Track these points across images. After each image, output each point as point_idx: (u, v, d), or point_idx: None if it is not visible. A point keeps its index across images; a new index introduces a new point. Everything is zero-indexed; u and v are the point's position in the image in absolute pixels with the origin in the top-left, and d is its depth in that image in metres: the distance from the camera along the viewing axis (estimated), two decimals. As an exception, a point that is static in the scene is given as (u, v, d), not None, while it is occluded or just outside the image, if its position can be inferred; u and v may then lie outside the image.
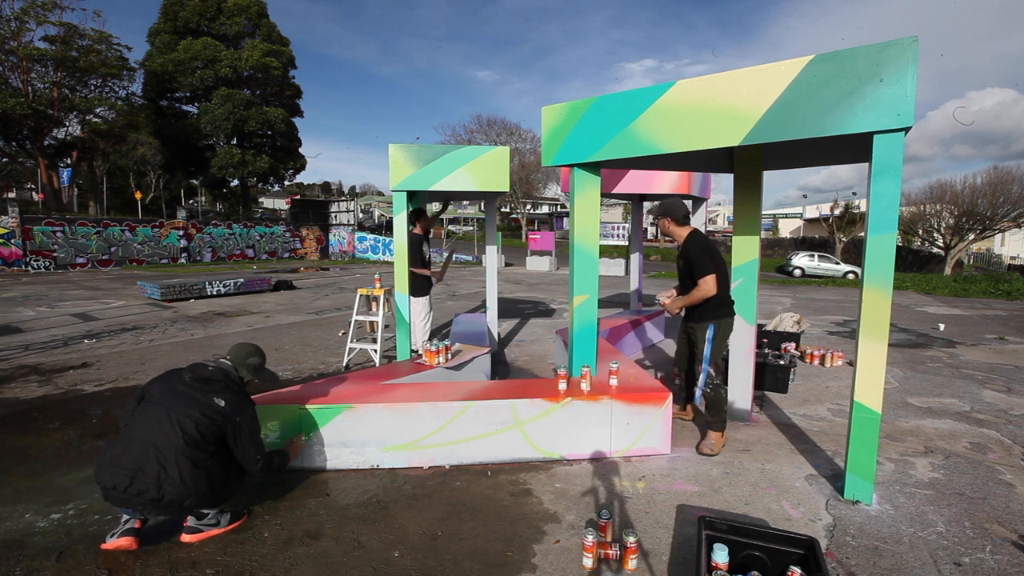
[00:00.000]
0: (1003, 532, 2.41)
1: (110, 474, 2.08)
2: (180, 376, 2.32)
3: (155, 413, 2.17)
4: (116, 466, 2.08)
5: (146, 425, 2.15)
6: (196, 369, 2.34)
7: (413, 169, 4.56)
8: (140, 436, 2.13)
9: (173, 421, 2.14)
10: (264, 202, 48.39)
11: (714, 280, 3.17)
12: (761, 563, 1.98)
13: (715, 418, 3.29)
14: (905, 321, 8.80)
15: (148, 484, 2.06)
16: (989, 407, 4.23)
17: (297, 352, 6.01)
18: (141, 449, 2.09)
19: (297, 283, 13.76)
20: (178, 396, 2.23)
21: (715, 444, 3.25)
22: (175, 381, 2.30)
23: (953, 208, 26.43)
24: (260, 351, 2.61)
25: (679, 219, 3.40)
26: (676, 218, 3.39)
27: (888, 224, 2.46)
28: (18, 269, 17.33)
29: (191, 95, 26.81)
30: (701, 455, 3.19)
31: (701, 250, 3.26)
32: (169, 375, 2.35)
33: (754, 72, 2.69)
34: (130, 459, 2.08)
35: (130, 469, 2.07)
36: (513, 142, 38.49)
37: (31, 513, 2.50)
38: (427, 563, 2.16)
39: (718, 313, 3.30)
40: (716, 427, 3.29)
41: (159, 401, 2.21)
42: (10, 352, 5.78)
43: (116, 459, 2.10)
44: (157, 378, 2.35)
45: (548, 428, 3.12)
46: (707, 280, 3.19)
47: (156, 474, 2.07)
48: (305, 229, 27.15)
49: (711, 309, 3.28)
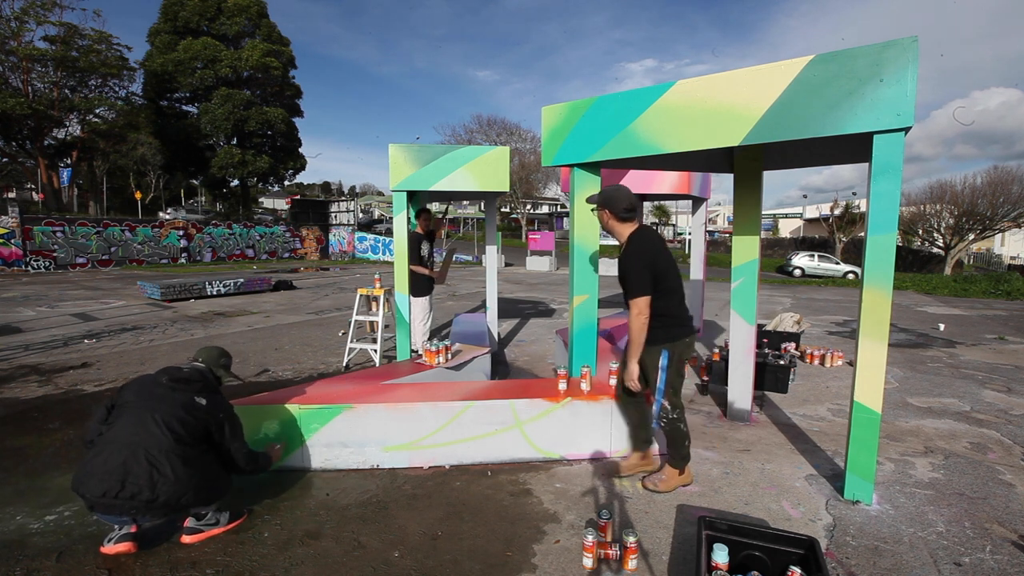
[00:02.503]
0: (1003, 532, 2.41)
1: (97, 482, 2.02)
2: (155, 380, 2.30)
3: (137, 416, 2.14)
4: (103, 472, 2.03)
5: (129, 429, 2.11)
6: (171, 372, 2.33)
7: (413, 169, 4.56)
8: (124, 440, 2.08)
9: (159, 421, 2.12)
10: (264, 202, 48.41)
11: (645, 303, 2.54)
12: (761, 563, 1.98)
13: (674, 453, 2.79)
14: (905, 321, 8.80)
15: (141, 486, 2.03)
16: (989, 407, 4.23)
17: (297, 352, 6.01)
18: (129, 452, 2.05)
19: (297, 283, 13.76)
20: (159, 398, 2.21)
21: (667, 481, 2.78)
22: (150, 385, 2.28)
23: (953, 208, 26.43)
24: (227, 352, 2.65)
25: (620, 213, 2.68)
26: (616, 211, 2.68)
27: (888, 224, 2.46)
28: (18, 269, 17.32)
29: (191, 95, 26.80)
30: (645, 489, 2.78)
31: (637, 260, 2.60)
32: (141, 380, 2.33)
33: (754, 72, 2.69)
34: (118, 463, 2.03)
35: (119, 473, 2.02)
36: (513, 142, 38.48)
37: (31, 513, 2.50)
38: (427, 563, 2.16)
39: (672, 334, 2.65)
40: (674, 463, 2.80)
41: (138, 405, 2.18)
42: (10, 352, 5.78)
43: (102, 466, 2.04)
44: (127, 385, 2.32)
45: (548, 428, 3.12)
46: (636, 303, 2.54)
47: (148, 474, 2.04)
48: (305, 229, 27.15)
49: (663, 329, 2.63)
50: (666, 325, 2.64)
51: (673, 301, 2.66)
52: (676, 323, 2.67)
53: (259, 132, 26.90)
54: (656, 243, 2.68)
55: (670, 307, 2.65)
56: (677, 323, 2.68)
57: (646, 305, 2.54)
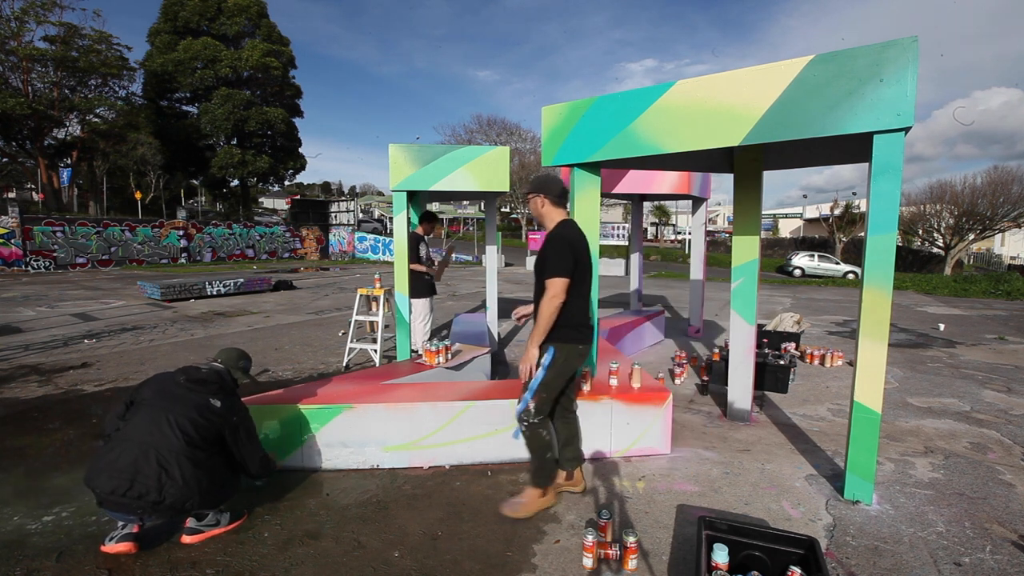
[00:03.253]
0: (1003, 532, 2.41)
1: (107, 478, 2.04)
2: (173, 379, 2.31)
3: (151, 415, 2.15)
4: (114, 470, 2.04)
5: (143, 427, 2.12)
6: (189, 372, 2.33)
7: (413, 169, 4.56)
8: (137, 439, 2.10)
9: (172, 422, 2.13)
10: (264, 202, 48.39)
11: (563, 286, 2.37)
12: (761, 563, 1.98)
13: (535, 468, 2.54)
14: (905, 321, 8.80)
15: (149, 487, 2.04)
16: (989, 407, 4.23)
17: (297, 352, 6.00)
18: (140, 452, 2.07)
19: (297, 283, 13.76)
20: (174, 398, 2.22)
21: (527, 505, 2.52)
22: (168, 384, 2.29)
23: (953, 208, 26.42)
24: (247, 355, 2.65)
25: (555, 197, 2.58)
26: (553, 195, 2.57)
27: (888, 224, 2.46)
28: (18, 269, 17.32)
29: (191, 95, 26.81)
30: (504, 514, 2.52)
31: (562, 241, 2.45)
32: (160, 378, 2.34)
33: (754, 72, 2.69)
34: (128, 462, 2.05)
35: (129, 472, 2.04)
36: (513, 142, 38.48)
37: (31, 513, 2.50)
38: (427, 563, 2.16)
39: (564, 335, 2.47)
40: (535, 480, 2.54)
41: (154, 404, 2.19)
42: (10, 352, 5.78)
43: (113, 463, 2.05)
44: (147, 382, 2.33)
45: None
46: (553, 283, 2.38)
47: (157, 476, 2.05)
48: (305, 229, 27.15)
49: (556, 328, 2.45)
50: (561, 325, 2.46)
51: (578, 305, 2.51)
52: (574, 325, 2.50)
53: (259, 132, 26.91)
54: (583, 239, 2.55)
55: (574, 309, 2.49)
56: (575, 326, 2.51)
57: (563, 288, 2.38)
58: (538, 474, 2.55)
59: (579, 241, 2.51)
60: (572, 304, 2.47)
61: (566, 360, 2.50)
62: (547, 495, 2.58)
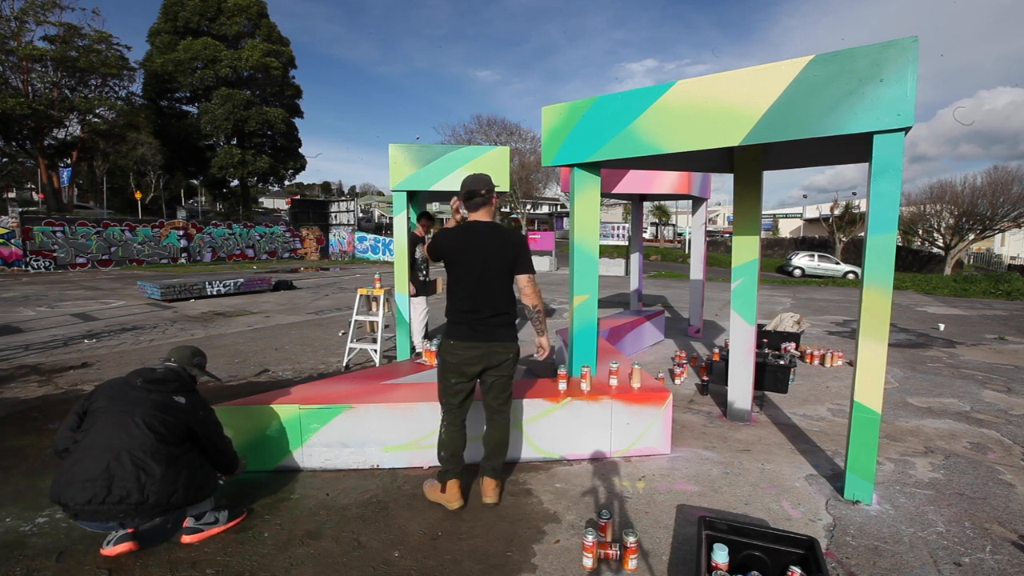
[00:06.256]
0: (1003, 532, 2.41)
1: (79, 489, 1.96)
2: (128, 383, 2.24)
3: (114, 420, 2.08)
4: (86, 479, 1.97)
5: (107, 433, 2.05)
6: (144, 373, 2.27)
7: (413, 169, 4.56)
8: (103, 445, 2.02)
9: (139, 423, 2.08)
10: (264, 202, 48.38)
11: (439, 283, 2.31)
12: (761, 563, 1.98)
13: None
14: (905, 321, 8.80)
15: (129, 488, 1.99)
16: (989, 407, 4.23)
17: (297, 352, 6.00)
18: (111, 456, 2.01)
19: (297, 283, 13.76)
20: (134, 401, 2.15)
21: (427, 492, 2.64)
22: (123, 388, 2.22)
23: (953, 208, 26.40)
24: (201, 351, 2.57)
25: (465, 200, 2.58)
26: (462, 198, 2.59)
27: (888, 224, 2.46)
28: (18, 269, 17.33)
29: (191, 95, 26.83)
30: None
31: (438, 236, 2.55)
32: (112, 384, 2.26)
33: (754, 72, 2.69)
34: (100, 469, 1.98)
35: (104, 478, 1.97)
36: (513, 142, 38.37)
37: (31, 513, 2.50)
38: (427, 563, 2.16)
39: (447, 329, 2.53)
40: (437, 474, 2.61)
41: (112, 409, 2.12)
42: (10, 352, 5.78)
43: (83, 473, 1.98)
44: (97, 390, 2.24)
45: (548, 428, 3.12)
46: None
47: (136, 476, 2.00)
48: (305, 229, 27.15)
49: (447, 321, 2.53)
50: (447, 318, 2.55)
51: (452, 301, 2.52)
52: (450, 320, 2.53)
53: (259, 132, 26.93)
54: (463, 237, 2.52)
55: (450, 304, 2.53)
56: (450, 321, 2.53)
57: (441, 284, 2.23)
58: (440, 469, 2.61)
59: (455, 234, 2.53)
60: (449, 299, 2.55)
61: (444, 356, 2.53)
62: (446, 492, 2.57)
